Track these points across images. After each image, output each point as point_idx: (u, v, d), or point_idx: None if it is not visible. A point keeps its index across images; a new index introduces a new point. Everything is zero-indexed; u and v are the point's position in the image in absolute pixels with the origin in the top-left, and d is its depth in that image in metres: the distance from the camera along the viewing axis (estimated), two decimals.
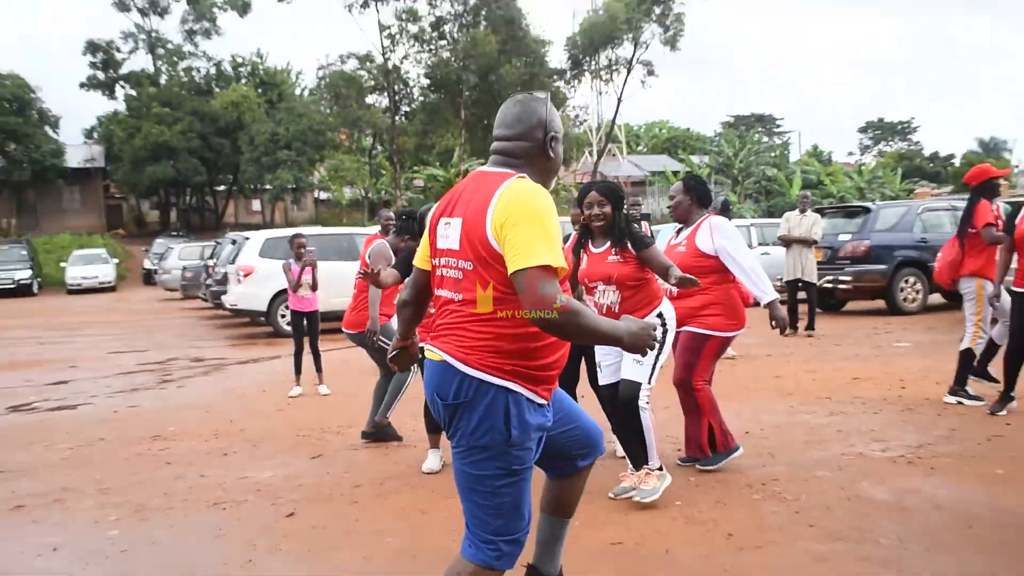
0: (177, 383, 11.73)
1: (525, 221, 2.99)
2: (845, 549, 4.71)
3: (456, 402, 3.13)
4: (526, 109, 3.33)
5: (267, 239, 17.08)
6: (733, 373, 10.13)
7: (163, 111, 48.19)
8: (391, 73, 48.06)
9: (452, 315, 3.21)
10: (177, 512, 5.85)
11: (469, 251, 3.13)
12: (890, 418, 7.77)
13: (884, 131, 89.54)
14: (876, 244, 16.04)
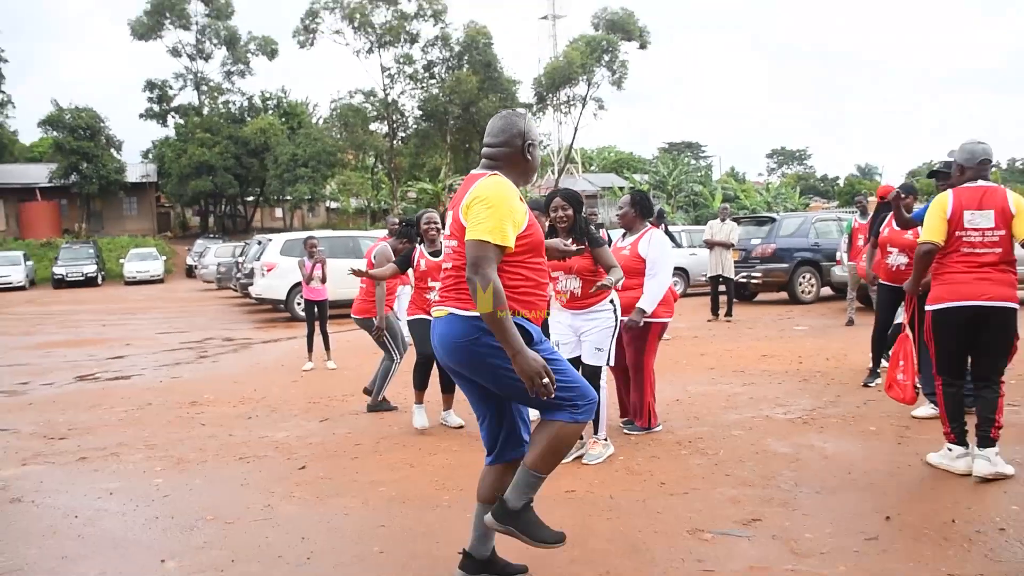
0: (212, 359, 11.63)
1: (479, 203, 3.17)
2: (753, 493, 4.73)
3: (464, 339, 3.20)
4: (508, 121, 3.42)
5: (286, 240, 17.02)
6: (666, 352, 10.10)
7: (205, 136, 48.08)
8: (390, 106, 48.26)
9: (448, 281, 3.33)
10: (210, 464, 5.80)
11: (454, 232, 3.31)
12: (790, 387, 7.79)
13: (786, 157, 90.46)
14: (780, 247, 16.20)
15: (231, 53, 51.41)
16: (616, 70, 48.14)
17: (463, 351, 3.23)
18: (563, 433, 3.22)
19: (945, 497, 4.54)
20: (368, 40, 46.90)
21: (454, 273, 3.30)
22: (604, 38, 47.47)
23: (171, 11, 49.14)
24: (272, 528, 4.43)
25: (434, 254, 6.54)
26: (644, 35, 48.66)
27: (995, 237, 4.78)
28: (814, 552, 3.83)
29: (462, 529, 4.26)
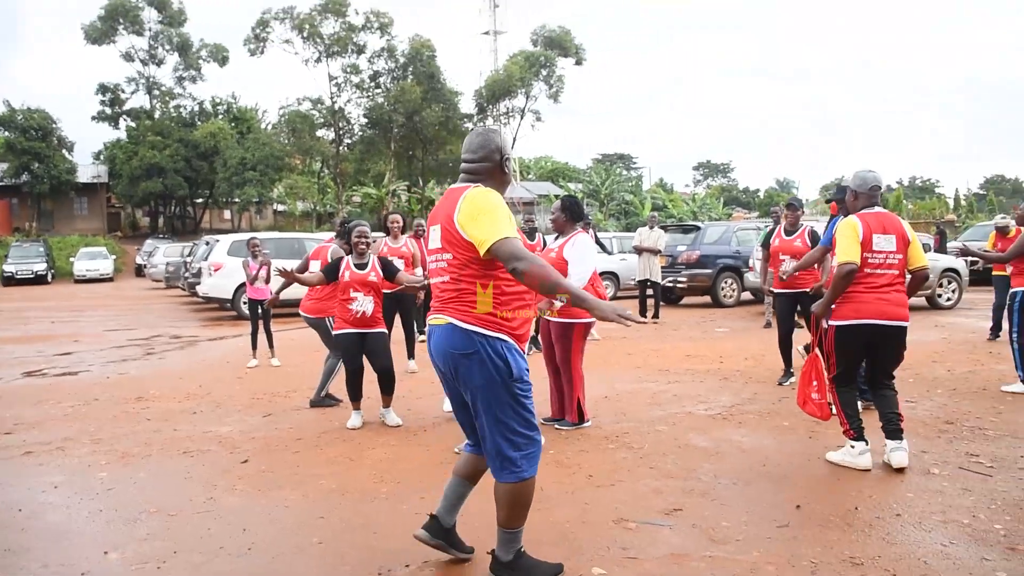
0: (158, 355, 11.38)
1: (483, 214, 3.17)
2: (675, 484, 4.78)
3: (465, 352, 3.22)
4: (486, 138, 3.45)
5: (233, 241, 16.75)
6: (596, 351, 10.18)
7: (156, 139, 47.11)
8: (337, 113, 47.91)
9: (446, 293, 3.31)
10: (154, 458, 5.66)
11: (447, 245, 3.28)
12: (712, 385, 7.90)
13: (711, 169, 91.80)
14: (704, 254, 16.43)
15: (183, 59, 50.47)
16: (553, 84, 48.60)
17: (458, 361, 3.27)
18: (519, 490, 3.33)
19: (850, 487, 4.65)
20: (317, 50, 46.52)
21: (452, 284, 3.28)
22: (542, 54, 47.80)
23: (125, 17, 48.01)
24: (214, 520, 4.34)
25: (360, 267, 6.37)
26: (580, 52, 49.16)
27: (895, 260, 4.99)
28: (731, 539, 3.89)
29: (400, 520, 4.25)
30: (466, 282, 3.25)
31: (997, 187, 73.77)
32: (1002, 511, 4.19)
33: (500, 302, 3.26)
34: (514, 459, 3.29)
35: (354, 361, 6.47)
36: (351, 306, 6.34)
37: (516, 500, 3.34)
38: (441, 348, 3.33)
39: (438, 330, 3.34)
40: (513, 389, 3.25)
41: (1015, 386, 7.19)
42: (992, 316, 10.87)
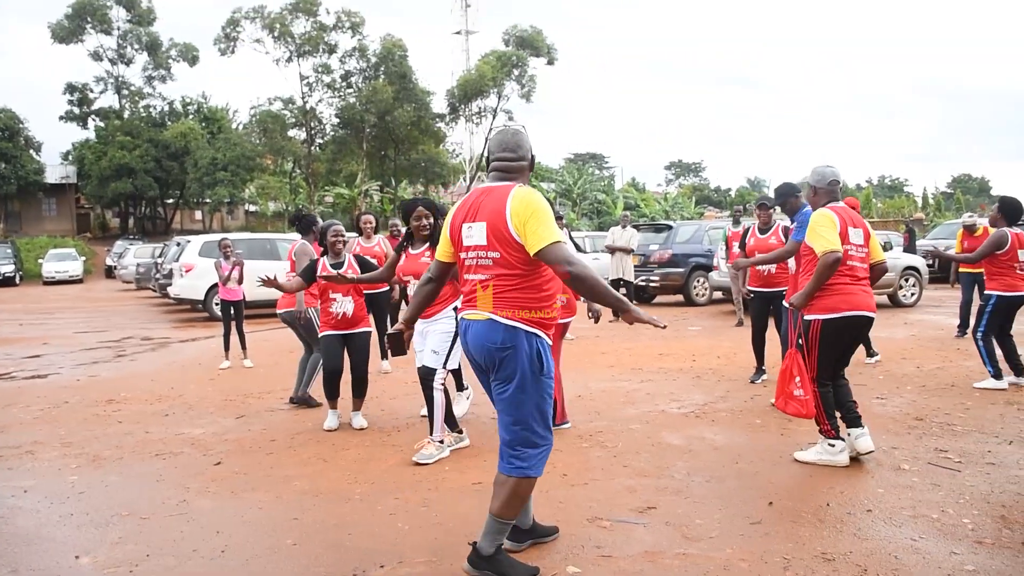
0: (130, 357, 11.25)
1: (535, 216, 3.29)
2: (649, 482, 4.79)
3: (504, 346, 3.35)
4: (522, 137, 3.61)
5: (204, 242, 16.58)
6: (570, 351, 10.20)
7: (125, 139, 46.63)
8: (308, 113, 47.74)
9: (489, 287, 3.41)
10: (126, 461, 5.60)
11: (496, 243, 3.37)
12: (684, 384, 7.94)
13: (683, 169, 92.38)
14: (676, 252, 16.48)
15: (152, 58, 49.98)
16: (525, 84, 48.68)
17: (496, 354, 3.39)
18: (521, 485, 3.43)
19: (821, 483, 4.70)
20: (288, 49, 46.31)
21: (495, 281, 3.40)
22: (514, 54, 47.84)
23: (92, 15, 47.45)
24: (187, 523, 4.30)
25: (336, 267, 6.30)
26: (551, 52, 49.24)
27: (863, 253, 5.10)
28: (704, 536, 3.91)
29: (373, 521, 4.24)
30: (508, 279, 3.38)
31: (964, 186, 74.84)
32: (970, 505, 4.26)
33: (538, 299, 3.41)
34: (527, 455, 3.42)
35: (334, 362, 6.39)
36: (331, 308, 6.30)
37: (516, 493, 3.44)
38: (480, 342, 3.44)
39: (476, 324, 3.45)
40: (542, 385, 3.40)
41: (987, 382, 7.29)
42: (959, 313, 11.01)
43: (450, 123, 51.51)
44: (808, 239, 5.07)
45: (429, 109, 48.63)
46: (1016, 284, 7.22)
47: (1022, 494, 4.43)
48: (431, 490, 4.75)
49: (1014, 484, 4.60)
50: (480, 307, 3.43)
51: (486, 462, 5.30)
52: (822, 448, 5.08)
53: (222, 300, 9.99)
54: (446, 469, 5.18)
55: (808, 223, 5.36)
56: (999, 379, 7.24)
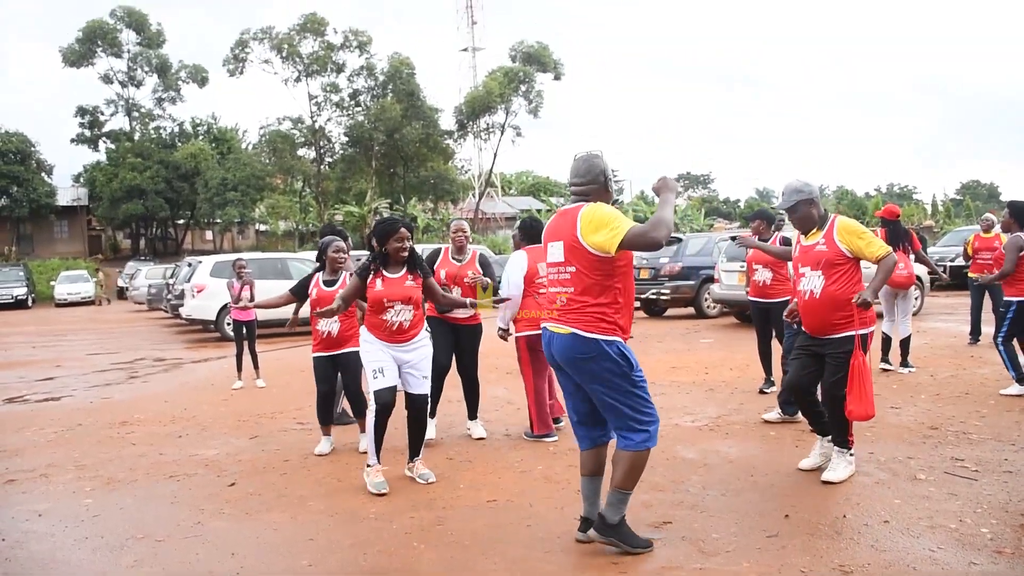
0: (142, 379, 11.29)
1: (602, 223, 3.65)
2: (664, 497, 4.77)
3: (591, 355, 3.71)
4: (592, 163, 3.90)
5: (216, 262, 16.67)
6: None
7: (136, 161, 47.08)
8: (317, 132, 48.07)
9: (572, 303, 3.77)
10: (140, 484, 5.60)
11: (573, 259, 3.75)
12: (697, 396, 7.91)
13: (691, 181, 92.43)
14: (687, 265, 16.40)
15: (162, 80, 50.52)
16: (532, 99, 48.93)
17: (580, 364, 3.77)
18: (638, 457, 3.84)
19: (838, 495, 4.66)
20: (296, 69, 46.66)
21: (577, 296, 3.75)
22: (521, 69, 48.08)
23: (103, 39, 48.04)
24: (202, 545, 4.30)
25: (328, 283, 6.18)
26: (558, 67, 49.48)
27: None
28: (720, 551, 3.88)
29: (388, 540, 4.23)
30: (585, 292, 3.72)
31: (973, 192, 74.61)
32: (988, 515, 4.22)
33: (612, 309, 3.74)
34: (640, 431, 3.80)
35: (324, 384, 6.25)
36: (318, 326, 6.15)
37: (635, 464, 3.83)
38: (565, 354, 3.80)
39: (560, 338, 3.80)
40: (633, 378, 3.79)
41: (1012, 388, 7.23)
42: (971, 320, 10.94)
43: (458, 140, 51.78)
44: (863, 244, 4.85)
45: (437, 126, 48.89)
46: None
47: None
48: (446, 508, 4.74)
49: None
50: (563, 320, 3.79)
51: (500, 479, 5.29)
52: (847, 460, 4.96)
53: (234, 320, 10.01)
54: (461, 487, 5.16)
55: None
56: (1023, 383, 7.18)
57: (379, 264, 5.15)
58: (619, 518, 3.87)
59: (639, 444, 3.80)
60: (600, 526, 3.88)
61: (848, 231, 4.87)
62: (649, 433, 3.83)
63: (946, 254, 21.16)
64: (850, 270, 4.87)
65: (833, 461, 4.99)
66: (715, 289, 15.22)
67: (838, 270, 4.85)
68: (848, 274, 4.86)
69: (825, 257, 4.88)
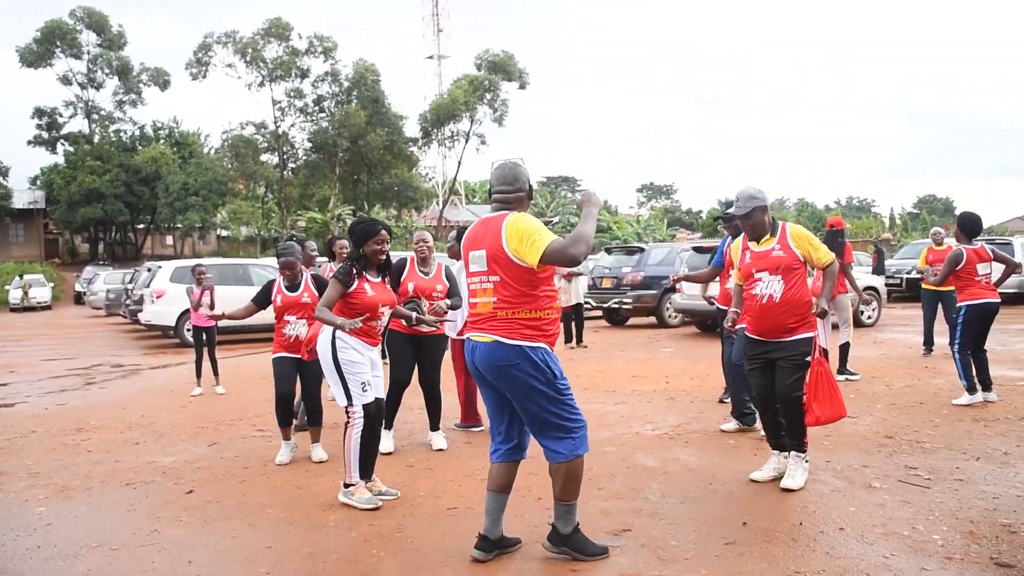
0: (99, 385, 11.12)
1: (528, 233, 3.61)
2: (624, 505, 4.80)
3: (513, 363, 3.65)
4: (518, 172, 3.89)
5: (176, 268, 16.50)
6: None
7: (95, 164, 46.36)
8: (281, 137, 47.74)
9: (493, 311, 3.73)
10: (95, 491, 5.52)
11: (497, 269, 3.70)
12: (658, 405, 7.97)
13: (654, 191, 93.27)
14: (649, 275, 16.52)
15: (123, 83, 49.77)
16: (497, 108, 49.02)
17: (503, 372, 3.70)
18: (572, 467, 3.80)
19: (794, 503, 4.73)
20: (260, 74, 46.35)
21: (502, 305, 3.70)
22: (486, 78, 48.16)
23: (62, 39, 47.23)
24: (158, 553, 4.24)
25: (291, 288, 6.13)
26: (523, 76, 49.58)
27: None
28: (679, 558, 3.91)
29: (348, 547, 4.21)
30: (508, 301, 3.69)
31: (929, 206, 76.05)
32: (940, 521, 4.30)
33: (537, 317, 3.71)
34: (566, 440, 3.76)
35: (284, 385, 6.14)
36: (284, 330, 6.11)
37: (571, 474, 3.79)
38: (487, 362, 3.74)
39: (483, 347, 3.75)
40: (558, 385, 3.73)
41: (963, 398, 7.39)
42: (924, 331, 11.14)
43: (423, 147, 51.78)
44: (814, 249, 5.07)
45: (402, 133, 48.83)
46: (981, 293, 7.36)
47: (990, 509, 4.48)
48: (405, 516, 4.73)
49: (982, 500, 4.65)
50: (485, 329, 3.74)
51: (461, 487, 5.28)
52: (803, 466, 5.06)
53: (194, 326, 9.92)
54: (421, 495, 5.15)
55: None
56: (973, 393, 7.34)
57: (362, 267, 5.03)
58: (571, 528, 3.86)
59: (569, 454, 3.76)
60: (552, 537, 3.88)
61: (801, 237, 5.08)
62: (575, 440, 3.78)
63: (903, 266, 21.57)
64: (803, 275, 5.06)
65: (791, 468, 5.06)
66: (677, 299, 15.34)
67: (795, 274, 5.00)
68: (803, 278, 5.05)
69: (784, 262, 4.98)
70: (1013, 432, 6.33)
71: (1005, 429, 6.44)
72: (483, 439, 6.51)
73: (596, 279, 16.78)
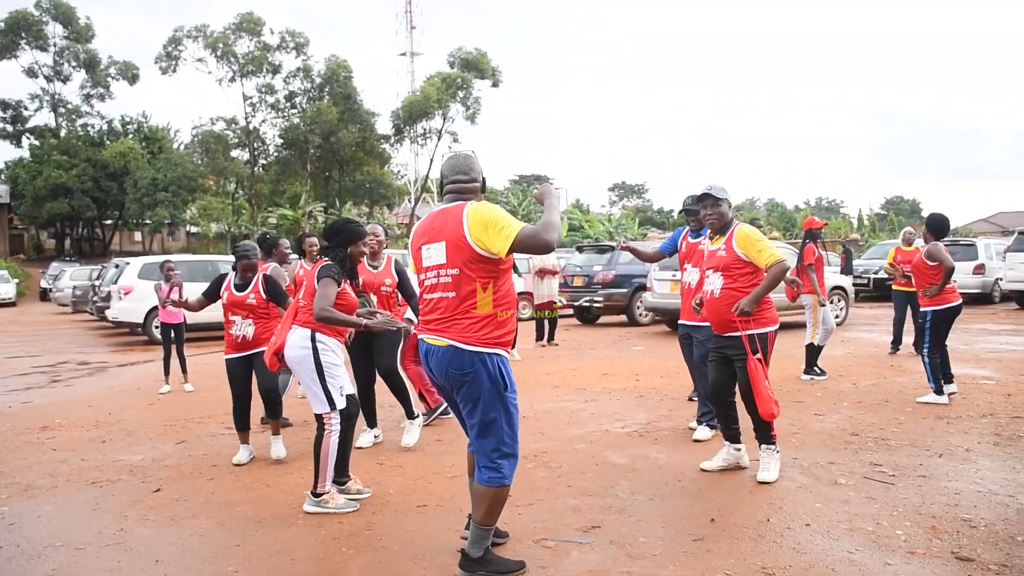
0: (65, 383, 10.97)
1: (493, 221, 3.45)
2: (593, 501, 4.82)
3: (467, 371, 3.50)
4: (472, 161, 3.79)
5: (144, 264, 16.32)
6: (515, 371, 10.18)
7: (62, 158, 45.59)
8: (251, 133, 47.37)
9: (447, 309, 3.55)
10: (60, 490, 5.44)
11: (456, 260, 3.51)
12: (628, 403, 8.01)
13: (626, 190, 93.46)
14: (619, 273, 16.62)
15: (90, 76, 49.06)
16: (470, 106, 48.91)
17: (457, 380, 3.55)
18: (500, 494, 3.63)
19: (762, 499, 4.77)
20: (231, 69, 45.95)
21: (456, 302, 3.53)
22: (459, 76, 48.06)
23: (27, 31, 46.47)
24: (125, 552, 4.20)
25: (239, 287, 6.02)
26: (496, 74, 49.54)
27: None
28: (647, 554, 3.94)
29: (317, 545, 4.19)
30: (467, 298, 3.52)
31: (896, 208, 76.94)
32: (903, 517, 4.37)
33: (498, 302, 3.56)
34: (501, 466, 3.58)
35: (239, 387, 6.08)
36: (232, 330, 6.03)
37: (495, 501, 3.63)
38: (443, 368, 3.58)
39: (438, 351, 3.57)
40: (506, 400, 3.57)
41: (929, 397, 7.51)
42: (893, 331, 11.30)
43: (395, 144, 51.58)
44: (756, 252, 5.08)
45: (374, 130, 48.65)
46: (947, 297, 7.48)
47: (951, 505, 4.56)
48: (375, 513, 4.72)
49: (944, 496, 4.73)
50: (440, 331, 3.57)
51: (430, 484, 5.28)
52: (775, 458, 5.17)
53: (162, 323, 9.83)
54: (391, 492, 5.14)
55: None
56: (940, 395, 7.46)
57: (347, 268, 4.94)
58: (482, 552, 3.68)
59: (504, 478, 3.58)
60: (464, 563, 3.67)
61: (744, 238, 5.15)
62: (509, 466, 3.60)
63: (870, 266, 21.85)
64: (748, 273, 5.14)
65: (764, 461, 5.18)
66: (647, 297, 15.42)
67: (735, 273, 5.16)
68: (746, 276, 5.13)
69: (724, 261, 5.21)
70: (974, 429, 6.45)
71: (967, 426, 6.55)
72: (453, 436, 6.52)
73: (568, 277, 16.82)
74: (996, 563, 3.72)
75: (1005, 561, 3.75)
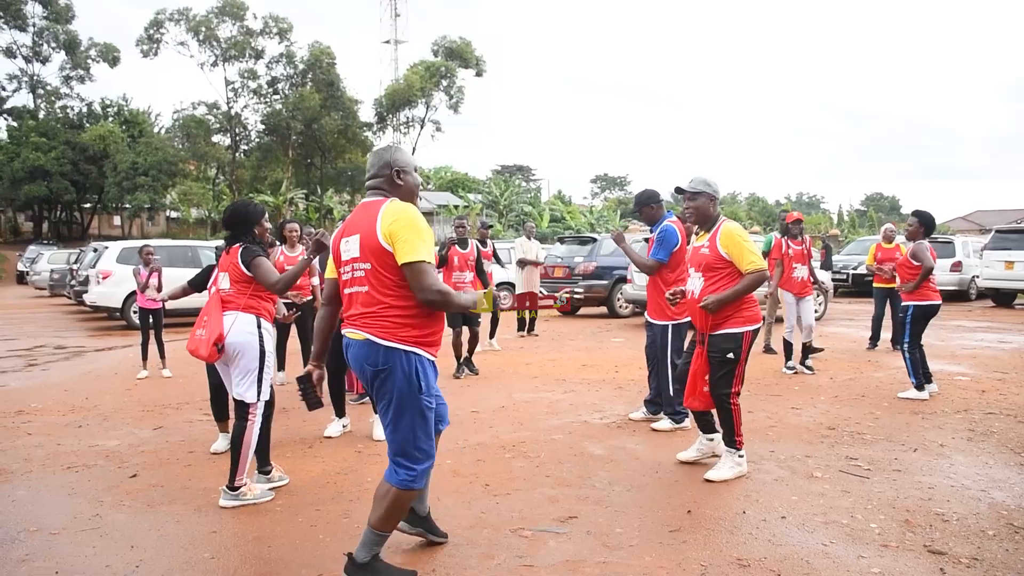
0: (41, 367, 10.86)
1: (406, 228, 3.31)
2: (571, 492, 4.83)
3: (381, 368, 3.36)
4: (378, 156, 3.64)
5: (123, 248, 16.15)
6: (494, 362, 10.24)
7: (40, 140, 45.10)
8: (233, 119, 47.14)
9: (364, 305, 3.41)
10: (35, 475, 5.39)
11: (368, 254, 3.37)
12: (607, 394, 8.03)
13: (608, 182, 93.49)
14: (600, 265, 16.59)
15: (70, 58, 48.52)
16: (453, 95, 48.94)
17: (375, 375, 3.40)
18: (400, 497, 3.47)
19: (738, 491, 4.80)
20: (213, 53, 45.68)
21: (375, 296, 3.38)
22: (442, 64, 47.99)
23: (5, 10, 45.90)
24: (100, 538, 4.17)
25: None
26: (480, 63, 49.47)
27: None
28: (624, 545, 3.96)
29: (293, 532, 4.18)
30: (382, 292, 3.37)
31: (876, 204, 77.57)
32: (877, 511, 4.41)
33: (415, 315, 3.39)
34: (411, 468, 3.45)
35: (215, 377, 5.86)
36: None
37: (396, 505, 3.47)
38: (359, 362, 3.45)
39: (356, 344, 3.44)
40: (422, 403, 3.40)
41: (910, 392, 7.58)
42: (872, 327, 11.40)
43: (377, 132, 51.44)
44: (739, 252, 4.96)
45: (356, 118, 48.47)
46: (928, 294, 7.55)
47: (925, 499, 4.61)
48: (352, 501, 4.71)
49: (918, 489, 4.78)
50: (358, 325, 3.42)
51: None
52: (734, 461, 5.09)
53: (140, 308, 9.74)
54: (368, 480, 5.13)
55: (667, 237, 6.16)
56: (921, 391, 7.53)
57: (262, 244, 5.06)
58: (370, 557, 3.51)
59: (408, 482, 3.44)
60: (349, 568, 3.50)
61: (729, 236, 5.01)
62: (418, 472, 3.46)
63: (849, 262, 22.00)
64: (730, 273, 4.99)
65: (720, 460, 5.16)
66: (628, 289, 15.46)
67: (717, 273, 5.01)
68: (728, 277, 4.98)
69: (706, 260, 5.05)
70: (949, 425, 6.52)
71: (942, 422, 6.62)
72: None
73: (548, 268, 16.83)
74: (967, 556, 3.77)
75: (976, 554, 3.79)
